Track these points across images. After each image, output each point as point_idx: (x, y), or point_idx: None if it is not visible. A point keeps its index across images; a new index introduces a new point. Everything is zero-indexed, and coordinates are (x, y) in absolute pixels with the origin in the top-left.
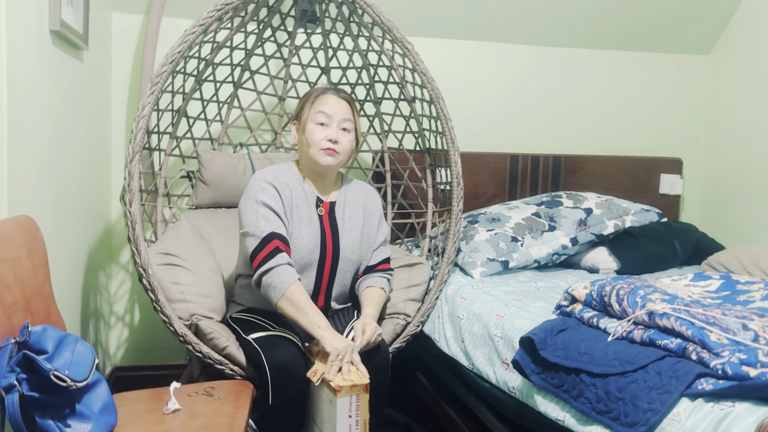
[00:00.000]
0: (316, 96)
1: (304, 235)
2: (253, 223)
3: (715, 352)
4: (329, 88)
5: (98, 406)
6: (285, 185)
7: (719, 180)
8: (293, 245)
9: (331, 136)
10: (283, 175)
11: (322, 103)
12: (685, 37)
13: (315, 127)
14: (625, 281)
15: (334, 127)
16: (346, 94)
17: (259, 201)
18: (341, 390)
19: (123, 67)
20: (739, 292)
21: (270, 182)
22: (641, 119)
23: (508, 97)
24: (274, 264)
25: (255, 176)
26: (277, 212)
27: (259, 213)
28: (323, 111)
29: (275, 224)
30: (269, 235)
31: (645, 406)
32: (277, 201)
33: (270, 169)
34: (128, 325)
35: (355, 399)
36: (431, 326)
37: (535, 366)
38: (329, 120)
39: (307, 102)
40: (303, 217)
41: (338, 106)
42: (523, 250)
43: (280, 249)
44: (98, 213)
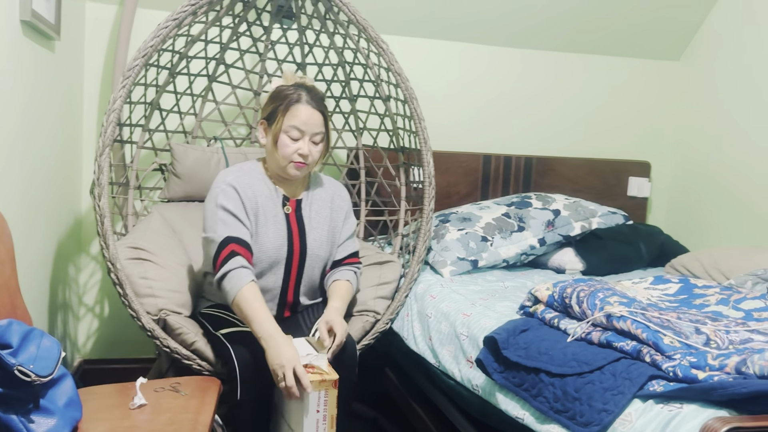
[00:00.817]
0: (289, 104)
1: (270, 233)
2: (211, 227)
3: (667, 355)
4: (303, 94)
5: (63, 401)
6: (247, 185)
7: (686, 184)
8: (259, 244)
9: (302, 150)
10: (246, 174)
11: (295, 115)
12: (655, 43)
13: (286, 139)
14: (586, 284)
15: (306, 141)
16: (319, 102)
17: (218, 204)
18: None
19: (96, 58)
20: (696, 296)
21: (230, 184)
22: (611, 123)
23: (483, 97)
24: (228, 268)
25: (217, 177)
26: (236, 215)
27: (218, 217)
28: (296, 126)
29: (233, 227)
30: (225, 239)
31: (599, 407)
32: (236, 203)
33: (233, 169)
34: (97, 318)
35: (324, 394)
36: (400, 324)
37: (497, 365)
38: (301, 134)
39: (280, 109)
40: (269, 216)
41: (311, 119)
42: (493, 249)
43: (235, 252)
44: (68, 205)
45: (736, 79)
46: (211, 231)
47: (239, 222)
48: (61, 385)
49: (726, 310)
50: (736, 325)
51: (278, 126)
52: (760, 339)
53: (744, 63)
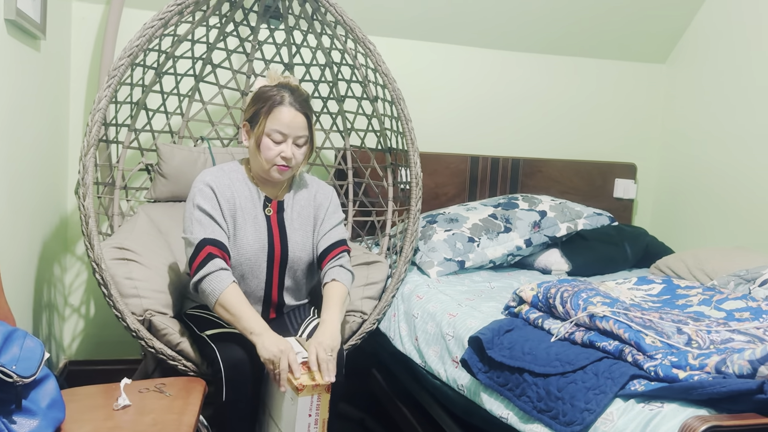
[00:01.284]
0: (272, 107)
1: (249, 235)
2: (188, 228)
3: (649, 355)
4: (286, 96)
5: (46, 401)
6: (226, 186)
7: (671, 185)
8: (238, 246)
9: (285, 153)
10: (226, 175)
11: (278, 118)
12: (642, 46)
13: (269, 142)
14: (570, 284)
15: (289, 143)
16: (302, 104)
17: (195, 205)
18: (303, 389)
19: (82, 57)
20: (679, 296)
21: (208, 184)
22: (598, 125)
23: (471, 99)
24: (206, 272)
25: (197, 177)
26: (212, 215)
27: (194, 217)
28: (279, 130)
29: (209, 229)
30: (201, 241)
31: (582, 406)
32: (213, 204)
33: (213, 170)
34: (83, 319)
35: (317, 398)
36: (387, 324)
37: (482, 365)
38: (284, 137)
39: (262, 111)
40: (248, 217)
41: (295, 121)
42: (479, 250)
43: (213, 255)
44: (54, 205)
45: (722, 82)
46: (188, 232)
47: (215, 223)
48: (44, 385)
49: (708, 310)
50: (717, 325)
51: (260, 129)
52: (740, 339)
53: (729, 66)
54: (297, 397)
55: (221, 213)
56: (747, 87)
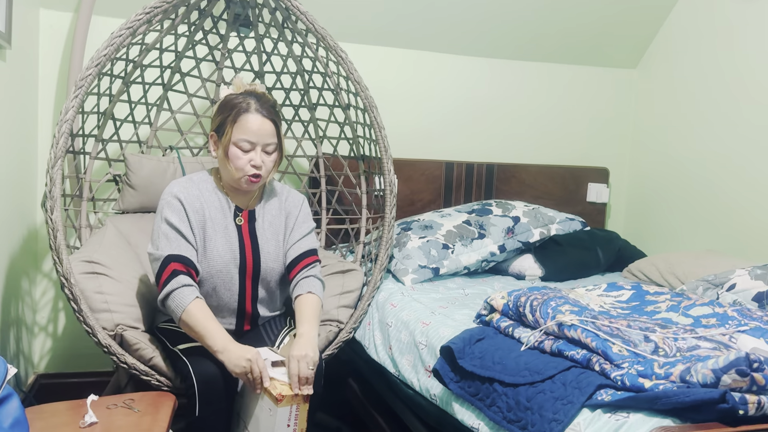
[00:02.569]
0: (238, 114)
1: (219, 247)
2: (155, 242)
3: (616, 364)
4: (252, 103)
5: (8, 422)
6: (195, 197)
7: (643, 189)
8: (209, 258)
9: (255, 161)
10: (194, 185)
11: (244, 126)
12: (613, 51)
13: (237, 151)
14: (540, 292)
15: (258, 151)
16: (269, 110)
17: (162, 218)
18: (283, 399)
19: (50, 66)
20: (648, 303)
21: (176, 195)
22: (571, 130)
23: (445, 105)
24: (170, 288)
25: (166, 189)
26: (179, 230)
27: (162, 231)
28: (247, 138)
29: (175, 243)
30: (166, 258)
31: (550, 416)
32: (181, 216)
33: (182, 180)
34: (53, 333)
35: (295, 409)
36: (362, 332)
37: (453, 374)
38: (252, 145)
39: (229, 120)
40: (218, 228)
41: (262, 128)
42: (454, 257)
43: (177, 271)
44: (22, 218)
45: (692, 87)
46: (155, 246)
47: (182, 238)
48: (7, 405)
49: (676, 316)
50: (684, 332)
51: (228, 138)
52: (706, 346)
53: (700, 70)
54: (276, 407)
55: (189, 226)
56: (717, 91)
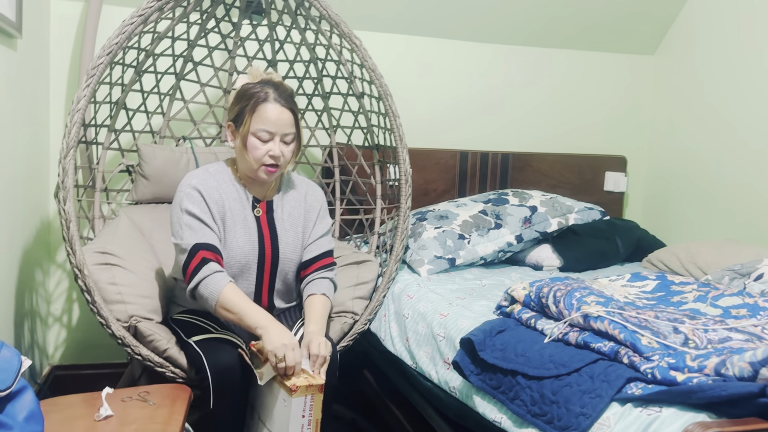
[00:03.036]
0: (256, 104)
1: (239, 238)
2: (179, 234)
3: (645, 356)
4: (270, 92)
5: (23, 414)
6: (214, 188)
7: (662, 178)
8: (228, 249)
9: (273, 152)
10: (213, 177)
11: (263, 116)
12: (630, 37)
13: (256, 142)
14: (563, 282)
15: (276, 141)
16: (288, 99)
17: (183, 209)
18: (297, 390)
19: (62, 56)
20: (674, 293)
21: (195, 187)
22: (588, 118)
23: (459, 94)
24: (202, 276)
25: (183, 180)
26: (202, 219)
27: (184, 222)
28: (265, 128)
29: (200, 233)
30: (194, 247)
31: (577, 410)
32: (202, 207)
33: (198, 172)
34: (67, 324)
35: (310, 399)
36: (378, 324)
37: (474, 367)
38: (271, 135)
39: (247, 110)
40: (237, 219)
41: (281, 118)
42: (470, 247)
43: (207, 259)
44: (35, 209)
45: (711, 73)
46: (179, 237)
47: (206, 226)
48: (21, 398)
49: (704, 307)
50: (714, 323)
51: (246, 128)
52: (738, 338)
53: (719, 56)
54: (291, 398)
55: (211, 216)
56: (737, 77)
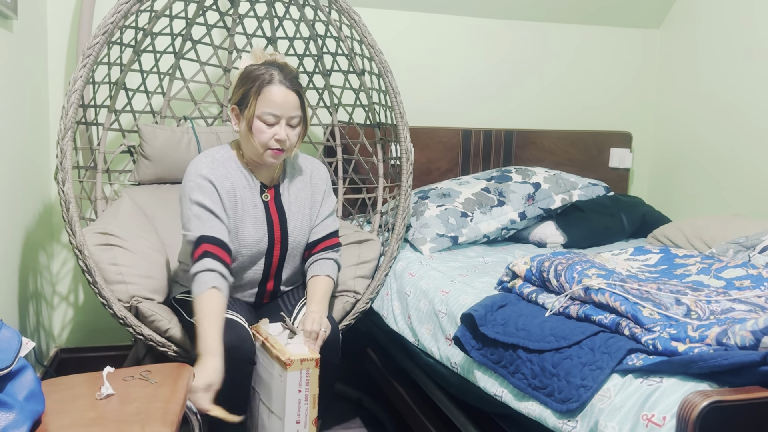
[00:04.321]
0: (261, 86)
1: (249, 226)
2: (186, 225)
3: (646, 328)
4: (275, 74)
5: (23, 394)
6: (224, 177)
7: (667, 154)
8: (240, 238)
9: (279, 136)
10: (221, 165)
11: (268, 98)
12: (635, 10)
13: (261, 125)
14: (564, 257)
15: (282, 125)
16: (293, 81)
17: (193, 200)
18: (292, 363)
19: (59, 37)
20: (677, 266)
21: (206, 177)
22: (592, 93)
23: (460, 71)
24: (195, 270)
25: (190, 167)
26: (212, 209)
27: (192, 213)
28: (271, 111)
29: (208, 224)
30: (198, 239)
31: (578, 382)
32: (213, 197)
33: (206, 160)
34: (72, 306)
35: (305, 373)
36: (380, 303)
37: (475, 342)
38: (277, 119)
39: (252, 92)
40: (247, 207)
41: (287, 101)
42: (473, 225)
43: (207, 253)
44: (37, 192)
45: (718, 47)
46: (186, 228)
47: (215, 217)
48: (21, 377)
49: (707, 279)
50: (717, 294)
51: (251, 111)
52: (741, 308)
53: (726, 30)
54: (286, 372)
55: (222, 207)
56: (744, 51)
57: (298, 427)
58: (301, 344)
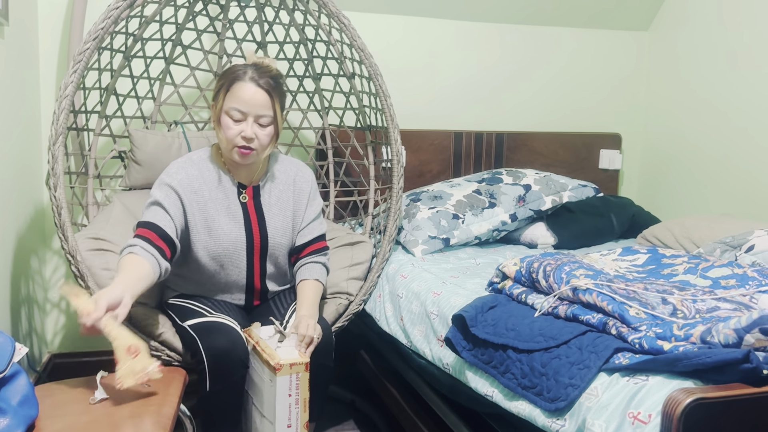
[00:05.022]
0: (232, 82)
1: (224, 225)
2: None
3: (633, 327)
4: (248, 71)
5: (17, 399)
6: (194, 177)
7: (656, 155)
8: (214, 236)
9: (245, 133)
10: (194, 165)
11: (236, 94)
12: (623, 13)
13: (228, 121)
14: (553, 257)
15: (249, 123)
16: (266, 80)
17: (152, 195)
18: (281, 368)
19: (51, 43)
20: (664, 266)
21: (169, 184)
22: (581, 95)
23: (451, 74)
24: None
25: (165, 169)
26: (165, 206)
27: (146, 207)
28: (237, 108)
29: (152, 214)
30: (137, 224)
31: (566, 381)
32: (170, 196)
33: (181, 160)
34: (65, 311)
35: (295, 377)
36: (373, 305)
37: (466, 342)
38: (244, 115)
39: (223, 88)
40: (220, 207)
41: (255, 98)
42: (464, 227)
43: (139, 236)
44: (29, 197)
45: (706, 48)
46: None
47: (162, 209)
48: (15, 382)
49: (694, 278)
50: (703, 293)
51: (219, 106)
52: (726, 307)
53: (714, 32)
54: (275, 377)
55: (182, 210)
56: (732, 52)
57: (289, 431)
58: (291, 348)
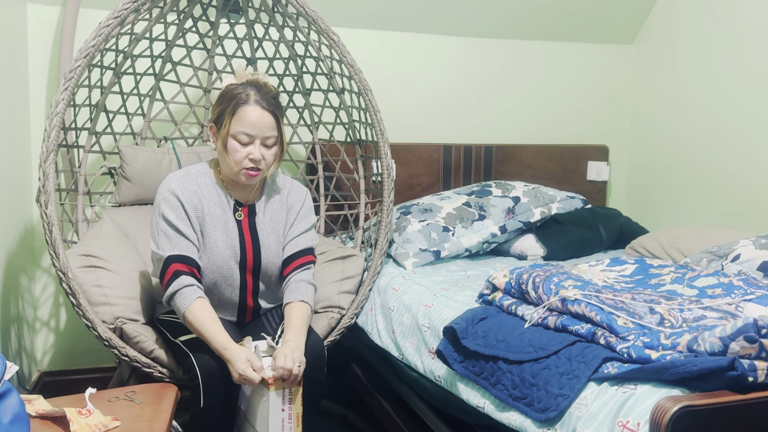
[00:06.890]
0: (237, 106)
1: (219, 242)
2: (155, 239)
3: (621, 336)
4: (251, 94)
5: (8, 417)
6: (194, 192)
7: (643, 166)
8: (209, 253)
9: (253, 155)
10: (193, 180)
11: (243, 118)
12: (608, 27)
13: (236, 144)
14: (542, 269)
15: (257, 145)
16: (270, 102)
17: (160, 215)
18: (274, 383)
19: (41, 61)
20: (652, 276)
21: (173, 191)
22: (569, 108)
23: (440, 88)
24: (172, 291)
25: (163, 182)
26: (178, 228)
27: (161, 229)
28: (245, 131)
29: (175, 242)
30: (167, 259)
31: (556, 392)
32: (179, 213)
33: (180, 174)
34: (55, 329)
35: (288, 392)
36: (364, 318)
37: (457, 354)
38: (251, 138)
39: (227, 111)
40: (217, 224)
41: (261, 121)
42: (454, 239)
43: (179, 272)
44: (18, 215)
45: (691, 60)
46: (155, 245)
47: (182, 236)
48: (6, 401)
49: (681, 288)
50: (690, 303)
51: (226, 130)
52: (713, 316)
53: (698, 44)
54: (268, 391)
55: (189, 222)
56: (716, 65)
57: None
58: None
